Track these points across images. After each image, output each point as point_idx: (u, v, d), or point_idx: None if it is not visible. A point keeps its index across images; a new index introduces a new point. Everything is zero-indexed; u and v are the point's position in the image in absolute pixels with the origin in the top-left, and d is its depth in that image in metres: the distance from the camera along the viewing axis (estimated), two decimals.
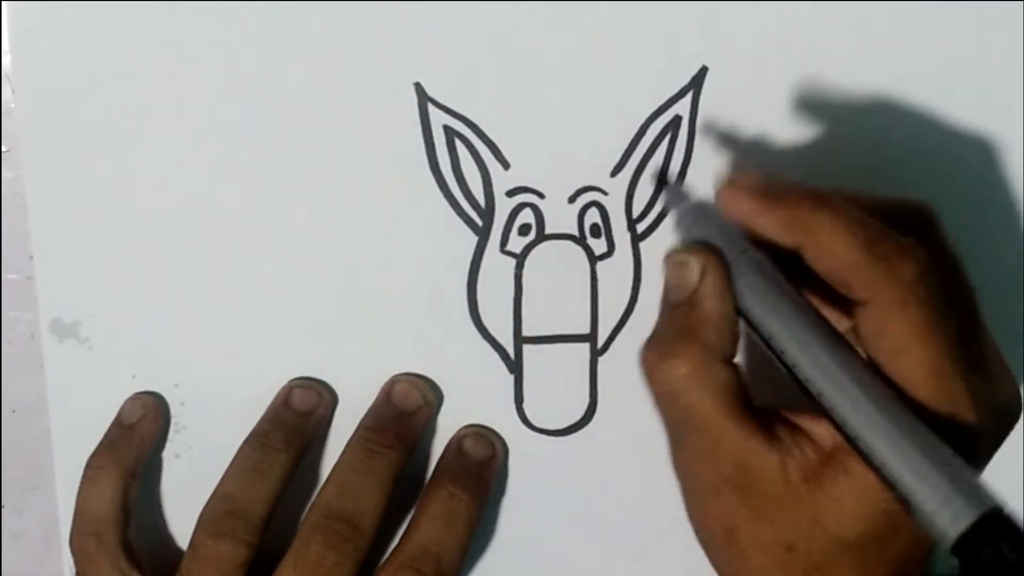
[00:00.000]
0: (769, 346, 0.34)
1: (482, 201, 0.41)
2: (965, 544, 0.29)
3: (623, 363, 0.42)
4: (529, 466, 0.43)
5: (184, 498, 0.42)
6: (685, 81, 0.41)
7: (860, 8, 0.41)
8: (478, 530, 0.41)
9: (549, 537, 0.44)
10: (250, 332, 0.42)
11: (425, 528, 0.40)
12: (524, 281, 0.42)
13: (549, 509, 0.43)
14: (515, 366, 0.42)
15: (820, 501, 0.34)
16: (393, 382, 0.42)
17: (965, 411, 0.33)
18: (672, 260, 0.36)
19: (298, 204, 0.41)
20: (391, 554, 0.41)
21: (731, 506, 0.35)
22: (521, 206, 0.41)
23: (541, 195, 0.41)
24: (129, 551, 0.40)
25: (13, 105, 0.41)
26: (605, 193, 0.42)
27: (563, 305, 0.42)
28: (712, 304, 0.35)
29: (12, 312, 0.43)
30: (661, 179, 0.41)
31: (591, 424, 0.43)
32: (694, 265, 0.35)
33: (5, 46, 0.40)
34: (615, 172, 0.41)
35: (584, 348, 0.42)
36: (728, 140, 0.41)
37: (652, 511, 0.43)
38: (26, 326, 0.42)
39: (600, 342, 0.42)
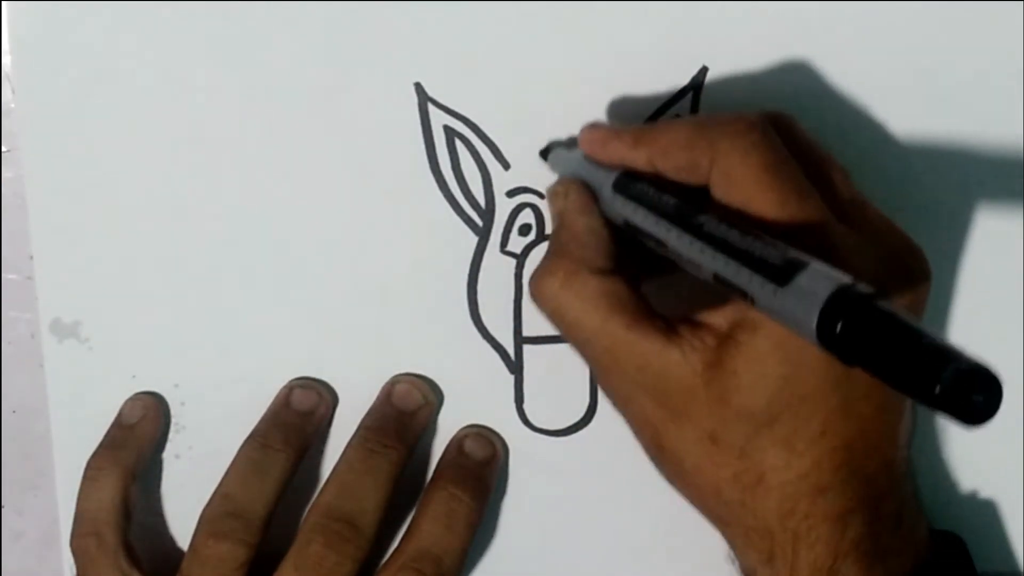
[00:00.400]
0: (651, 238, 0.35)
1: (482, 201, 0.41)
2: (829, 330, 0.28)
3: None
4: (529, 466, 0.43)
5: (184, 498, 0.42)
6: (685, 81, 0.41)
7: (860, 8, 0.41)
8: (478, 530, 0.41)
9: (549, 537, 0.44)
10: (250, 332, 0.42)
11: (426, 529, 0.40)
12: (524, 281, 0.42)
13: (549, 509, 0.43)
14: (515, 366, 0.42)
15: (722, 379, 0.34)
16: (393, 382, 0.42)
17: (821, 236, 0.33)
18: (547, 194, 0.39)
19: (298, 204, 0.41)
20: (392, 555, 0.41)
21: (648, 410, 0.36)
22: (521, 206, 0.42)
23: (541, 195, 0.41)
24: (129, 551, 0.40)
25: (13, 105, 0.41)
26: None
27: None
28: (575, 219, 0.37)
29: (12, 312, 0.43)
30: (544, 152, 0.41)
31: (591, 424, 0.43)
32: (560, 191, 0.38)
33: (5, 46, 0.40)
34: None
35: None
36: None
37: (652, 511, 0.43)
38: (26, 326, 0.42)
39: None
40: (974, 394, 0.25)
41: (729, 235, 0.32)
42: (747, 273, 0.31)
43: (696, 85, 0.41)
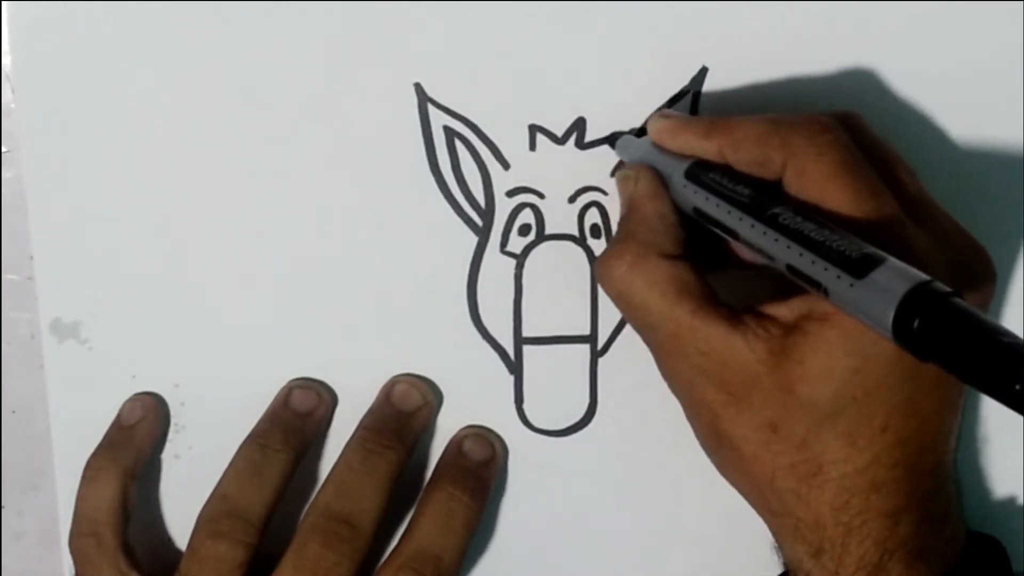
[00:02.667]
0: (723, 227, 0.36)
1: (482, 201, 0.41)
2: (905, 326, 0.29)
3: (623, 364, 0.42)
4: (529, 466, 0.43)
5: (184, 498, 0.42)
6: (685, 81, 0.41)
7: (860, 8, 0.41)
8: (478, 530, 0.41)
9: (549, 537, 0.44)
10: (250, 332, 0.42)
11: (424, 529, 0.40)
12: (524, 281, 0.42)
13: (549, 509, 0.43)
14: (515, 367, 0.42)
15: (787, 368, 0.34)
16: (393, 382, 0.42)
17: (894, 234, 0.34)
18: (617, 179, 0.39)
19: (298, 205, 0.41)
20: (390, 554, 0.41)
21: (710, 396, 0.36)
22: (521, 206, 0.42)
23: (541, 195, 0.41)
24: (128, 552, 0.40)
25: (13, 105, 0.41)
26: (605, 193, 0.42)
27: (563, 306, 0.42)
28: (645, 204, 0.37)
29: (12, 312, 0.43)
30: (611, 138, 0.41)
31: (591, 424, 0.43)
32: (631, 176, 0.38)
33: (5, 46, 0.40)
34: (615, 172, 0.41)
35: (584, 349, 0.42)
36: None
37: (652, 511, 0.43)
38: (26, 326, 0.42)
39: (600, 343, 0.42)
40: None
41: (804, 227, 0.33)
42: (823, 265, 0.31)
43: (696, 85, 0.41)
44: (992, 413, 0.43)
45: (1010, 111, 0.42)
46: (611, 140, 0.41)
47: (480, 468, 0.42)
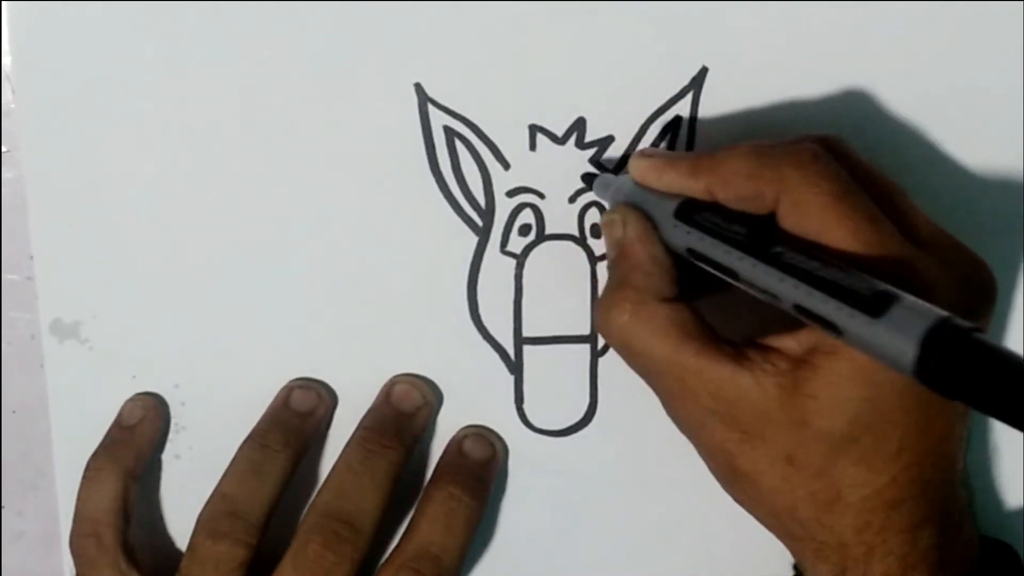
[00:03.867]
0: (720, 268, 0.35)
1: (482, 201, 0.41)
2: (927, 365, 0.29)
3: (623, 364, 0.42)
4: (529, 466, 0.43)
5: (184, 498, 0.42)
6: (685, 81, 0.41)
7: (860, 8, 0.41)
8: (478, 530, 0.41)
9: (549, 537, 0.44)
10: (250, 333, 0.42)
11: (425, 529, 0.40)
12: (524, 282, 0.42)
13: (549, 509, 0.43)
14: (515, 367, 0.42)
15: (799, 403, 0.34)
16: (393, 382, 0.42)
17: (900, 263, 0.33)
18: (602, 223, 0.39)
19: (298, 205, 0.41)
20: (391, 554, 0.41)
21: (722, 435, 0.36)
22: (521, 206, 0.41)
23: (541, 195, 0.41)
24: (128, 552, 0.40)
25: (13, 105, 0.41)
26: None
27: (563, 306, 0.42)
28: (637, 249, 0.37)
29: (12, 312, 0.43)
30: (586, 178, 0.41)
31: (591, 424, 0.43)
32: (617, 220, 0.37)
33: (5, 46, 0.40)
34: (615, 172, 0.41)
35: (584, 349, 0.42)
36: (728, 140, 0.41)
37: (652, 511, 0.43)
38: (26, 327, 0.42)
39: (600, 343, 0.42)
40: None
41: (810, 265, 0.32)
42: (835, 304, 0.31)
43: (696, 85, 0.41)
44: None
45: (1010, 111, 0.42)
46: (587, 180, 0.41)
47: (480, 468, 0.42)
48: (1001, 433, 0.43)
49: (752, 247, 0.34)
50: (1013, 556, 0.40)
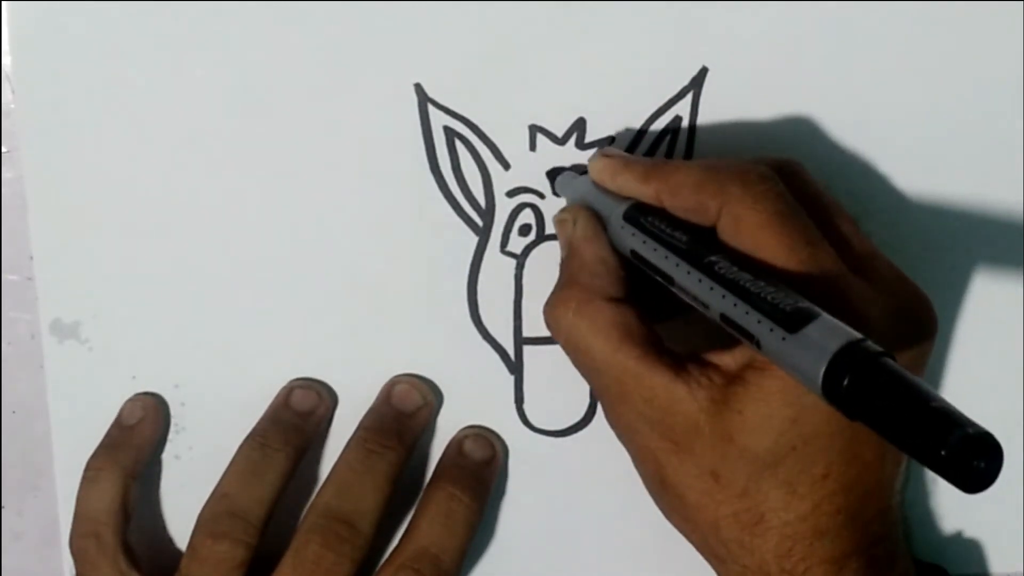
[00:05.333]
0: (659, 272, 0.35)
1: (482, 201, 0.41)
2: (835, 384, 0.29)
3: None
4: (529, 466, 0.43)
5: (184, 499, 0.42)
6: (685, 82, 0.41)
7: (860, 8, 0.41)
8: (478, 530, 0.41)
9: (549, 537, 0.44)
10: (250, 333, 0.42)
11: (424, 529, 0.40)
12: (524, 282, 0.42)
13: (549, 509, 0.43)
14: (515, 367, 0.42)
15: (727, 418, 0.34)
16: (393, 383, 0.42)
17: (831, 285, 0.34)
18: (554, 221, 0.39)
19: (298, 205, 0.41)
20: (390, 555, 0.41)
21: (652, 442, 0.36)
22: (521, 206, 0.42)
23: (541, 195, 0.41)
24: (128, 552, 0.40)
25: (13, 105, 0.41)
26: None
27: None
28: (585, 248, 0.37)
29: (12, 313, 0.43)
30: (551, 174, 0.41)
31: (591, 424, 0.43)
32: (568, 219, 0.38)
33: (5, 46, 0.40)
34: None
35: None
36: (728, 140, 0.41)
37: (651, 511, 0.43)
38: (26, 327, 0.42)
39: None
40: (977, 460, 0.26)
41: (740, 277, 0.33)
42: (756, 317, 0.31)
43: (696, 85, 0.41)
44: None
45: (1010, 111, 0.42)
46: (551, 176, 0.41)
47: (480, 468, 0.42)
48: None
49: (689, 255, 0.34)
50: None
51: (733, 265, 0.33)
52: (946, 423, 0.26)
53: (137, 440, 0.41)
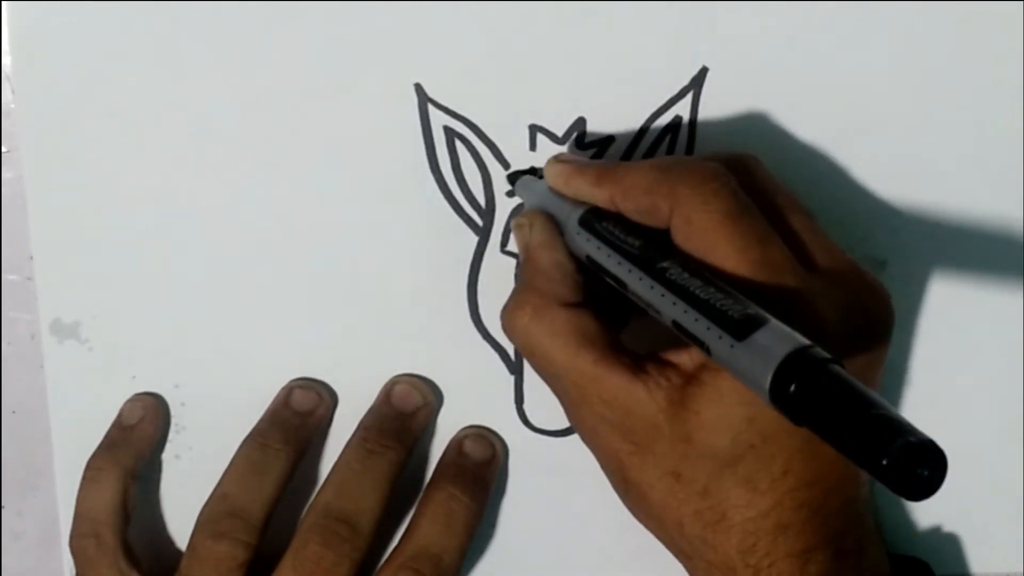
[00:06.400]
0: (613, 278, 0.35)
1: (482, 201, 0.41)
2: (782, 390, 0.29)
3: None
4: (529, 466, 0.43)
5: (184, 499, 0.42)
6: (685, 82, 0.41)
7: (860, 8, 0.41)
8: (478, 530, 0.41)
9: (549, 537, 0.44)
10: (250, 333, 0.42)
11: (425, 529, 0.40)
12: None
13: (549, 509, 0.43)
14: (515, 367, 0.42)
15: (685, 418, 0.34)
16: (393, 382, 0.42)
17: (783, 282, 0.34)
18: (512, 227, 0.40)
19: (298, 205, 0.41)
20: (391, 554, 0.41)
21: (614, 443, 0.36)
22: (521, 206, 0.41)
23: None
24: (128, 552, 0.40)
25: (13, 105, 0.41)
26: None
27: None
28: (541, 254, 0.37)
29: (12, 313, 0.43)
30: (511, 177, 0.41)
31: None
32: (525, 224, 0.38)
33: (5, 46, 0.40)
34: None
35: None
36: (728, 140, 0.41)
37: None
38: (26, 327, 0.42)
39: None
40: (920, 468, 0.26)
41: (691, 283, 0.33)
42: (705, 324, 0.32)
43: (696, 85, 0.41)
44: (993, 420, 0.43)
45: (1010, 111, 0.42)
46: (511, 179, 0.41)
47: (480, 468, 0.42)
48: (997, 429, 0.43)
49: (641, 261, 0.34)
50: (926, 571, 0.41)
51: (684, 271, 0.33)
52: (888, 431, 0.26)
53: (137, 440, 0.41)
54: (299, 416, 0.41)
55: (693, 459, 0.35)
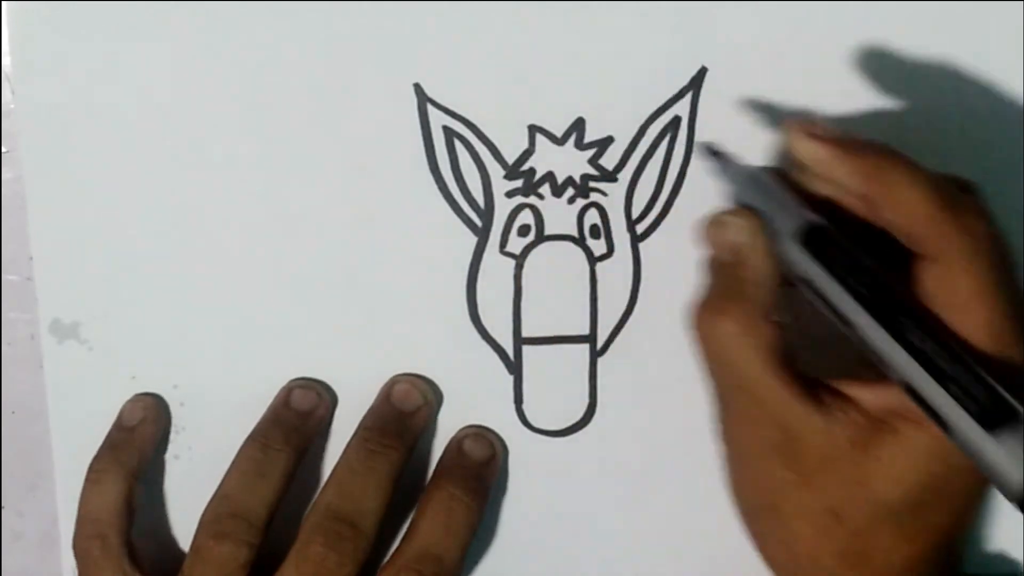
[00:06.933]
0: (833, 310, 0.33)
1: (481, 202, 0.41)
2: None
3: (623, 364, 0.42)
4: (529, 466, 0.43)
5: (184, 499, 0.42)
6: (684, 82, 0.41)
7: (860, 8, 0.41)
8: (478, 530, 0.41)
9: (549, 537, 0.44)
10: (250, 333, 0.42)
11: (425, 530, 0.40)
12: (524, 282, 0.42)
13: (549, 509, 0.43)
14: (515, 367, 0.42)
15: (867, 464, 0.34)
16: (393, 382, 0.42)
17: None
18: (717, 220, 0.37)
19: (298, 205, 0.41)
20: (392, 555, 0.41)
21: (776, 471, 0.35)
22: (520, 207, 0.41)
23: (540, 196, 0.41)
24: (132, 553, 0.40)
25: (13, 105, 0.41)
26: (605, 194, 0.42)
27: (563, 306, 0.42)
28: (756, 260, 0.35)
29: (12, 313, 0.43)
30: (710, 149, 0.39)
31: (591, 424, 0.43)
32: (740, 225, 0.36)
33: (5, 46, 0.40)
34: (615, 172, 0.41)
35: (584, 349, 0.42)
36: (727, 141, 0.41)
37: (652, 511, 0.43)
38: (26, 327, 0.42)
39: (600, 343, 0.42)
40: None
41: (935, 351, 0.31)
42: (949, 401, 0.30)
43: (696, 85, 0.41)
44: None
45: (1010, 111, 0.42)
46: (712, 152, 0.39)
47: (481, 468, 0.42)
48: None
49: (877, 307, 0.32)
50: None
51: (928, 333, 0.31)
52: None
53: (139, 441, 0.41)
54: (299, 416, 0.41)
55: (860, 502, 0.34)
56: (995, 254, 0.33)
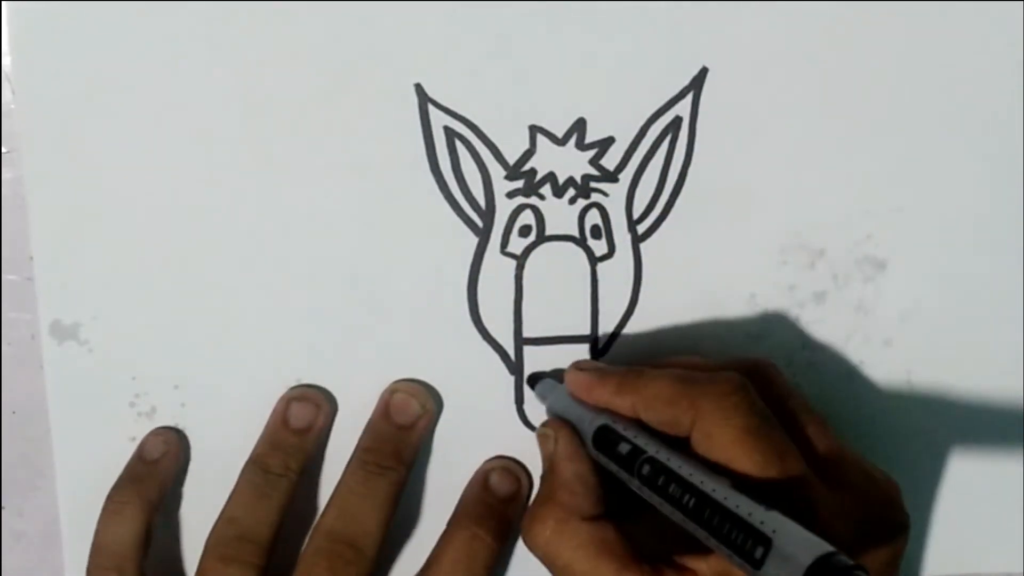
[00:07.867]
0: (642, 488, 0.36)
1: (482, 202, 0.41)
2: None
3: (623, 364, 0.42)
4: (529, 466, 0.43)
5: (184, 499, 0.42)
6: (685, 82, 0.41)
7: (860, 8, 0.41)
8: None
9: None
10: (250, 333, 0.42)
11: (447, 570, 0.40)
12: (524, 282, 0.42)
13: None
14: (515, 367, 0.42)
15: None
16: (391, 391, 0.42)
17: (800, 496, 0.35)
18: (537, 435, 0.40)
19: (298, 206, 0.41)
20: None
21: None
22: (521, 207, 0.41)
23: (541, 196, 0.41)
24: None
25: (13, 105, 0.40)
26: (606, 194, 0.42)
27: (563, 306, 0.42)
28: (565, 467, 0.38)
29: (12, 314, 0.42)
30: (531, 379, 0.42)
31: None
32: (547, 435, 0.39)
33: (5, 46, 0.40)
34: (616, 173, 0.41)
35: (584, 349, 0.42)
36: (728, 141, 0.41)
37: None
38: (26, 328, 0.42)
39: (600, 343, 0.42)
40: None
41: (706, 504, 0.33)
42: (734, 534, 0.32)
43: (696, 85, 0.41)
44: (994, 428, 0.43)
45: (1010, 111, 0.42)
46: (531, 381, 0.42)
47: (505, 505, 0.42)
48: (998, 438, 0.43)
49: (654, 484, 0.35)
50: None
51: (693, 496, 0.34)
52: None
53: (160, 474, 0.41)
54: (297, 434, 0.41)
55: None
56: (749, 408, 0.36)
